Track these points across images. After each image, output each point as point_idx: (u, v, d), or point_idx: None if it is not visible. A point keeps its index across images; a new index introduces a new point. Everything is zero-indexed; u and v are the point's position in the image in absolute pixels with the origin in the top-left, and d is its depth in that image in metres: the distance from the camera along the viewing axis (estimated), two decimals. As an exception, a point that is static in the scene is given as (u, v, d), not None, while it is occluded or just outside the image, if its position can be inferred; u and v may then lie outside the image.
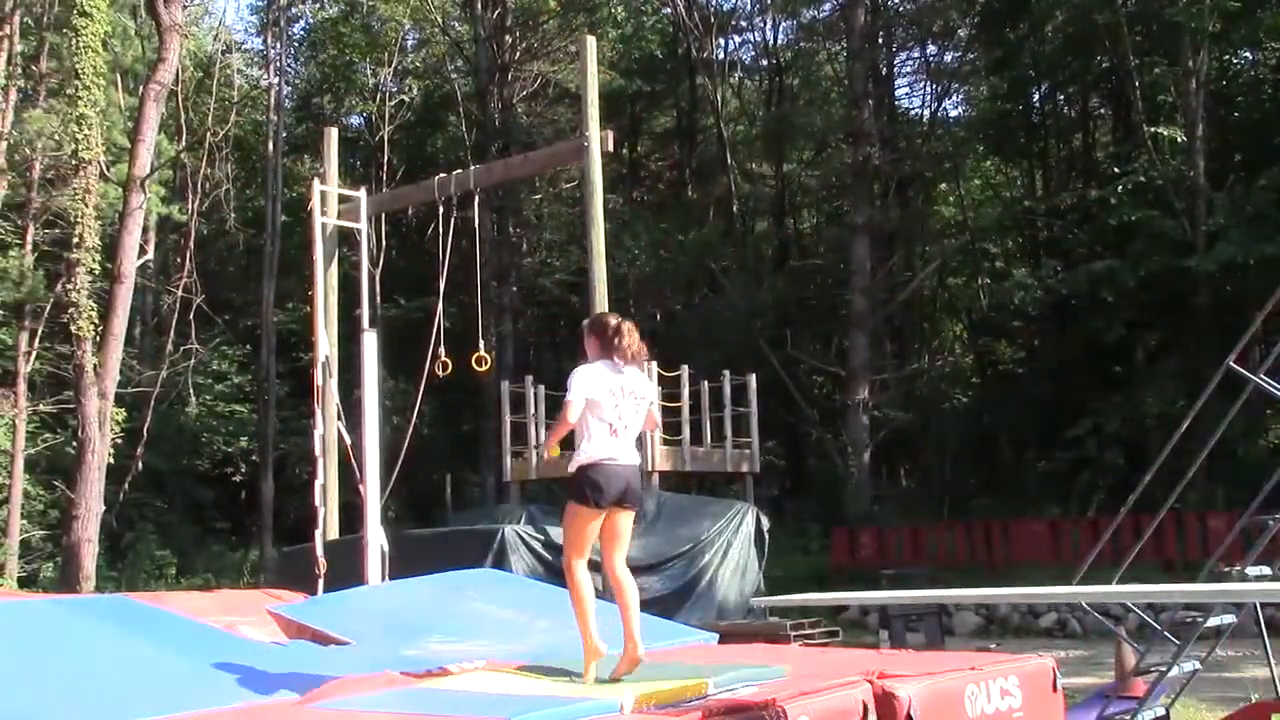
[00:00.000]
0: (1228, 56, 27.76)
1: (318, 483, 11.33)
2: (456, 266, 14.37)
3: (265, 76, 32.39)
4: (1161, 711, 7.18)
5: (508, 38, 30.71)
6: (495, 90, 30.35)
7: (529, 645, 6.03)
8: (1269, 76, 28.96)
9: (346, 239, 17.05)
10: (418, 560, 10.47)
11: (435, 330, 12.80)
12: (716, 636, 7.33)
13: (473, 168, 15.57)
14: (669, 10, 32.42)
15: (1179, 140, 23.68)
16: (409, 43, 33.21)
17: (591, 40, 14.28)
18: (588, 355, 5.46)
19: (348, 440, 11.24)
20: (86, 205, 17.78)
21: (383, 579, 10.17)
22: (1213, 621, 7.09)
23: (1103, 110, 31.65)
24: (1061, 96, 31.48)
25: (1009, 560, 21.04)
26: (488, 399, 26.15)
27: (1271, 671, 7.17)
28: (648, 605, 13.53)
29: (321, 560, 10.64)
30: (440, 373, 12.88)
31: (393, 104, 30.90)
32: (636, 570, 15.87)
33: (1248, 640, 11.26)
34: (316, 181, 13.30)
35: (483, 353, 13.30)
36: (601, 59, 21.95)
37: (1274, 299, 8.57)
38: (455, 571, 8.17)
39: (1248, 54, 28.73)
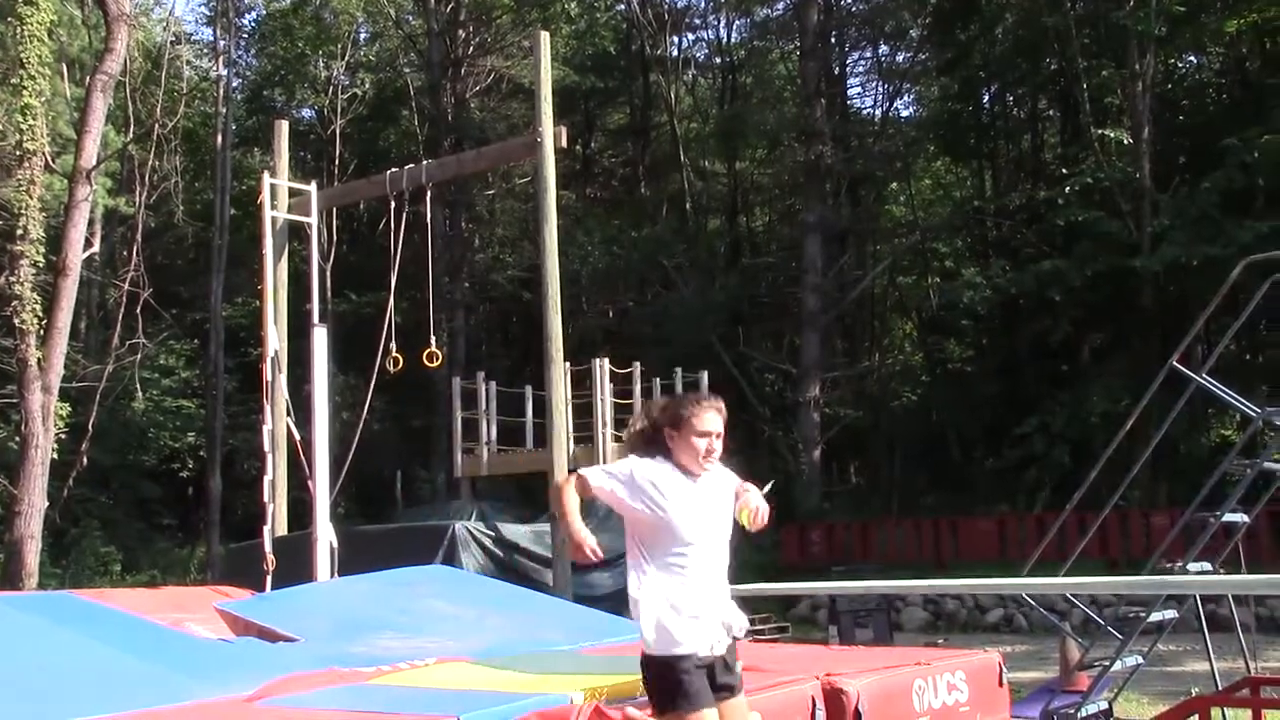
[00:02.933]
0: (1173, 60, 28.17)
1: (266, 478, 11.25)
2: (408, 261, 14.31)
3: (215, 68, 32.04)
4: (1105, 705, 7.28)
5: (461, 32, 30.58)
6: (448, 85, 30.22)
7: (479, 641, 6.01)
8: (1213, 80, 29.44)
9: (297, 233, 16.92)
10: (367, 557, 10.43)
11: (386, 326, 12.74)
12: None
13: (425, 163, 15.49)
14: (623, 7, 32.43)
15: (1125, 142, 24.00)
16: (361, 36, 32.99)
17: (545, 36, 14.25)
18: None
19: (297, 436, 11.17)
20: (31, 197, 17.50)
21: (332, 575, 10.12)
22: (1155, 617, 7.21)
23: (1051, 112, 32.02)
24: (1011, 98, 31.81)
25: (957, 556, 21.27)
26: (439, 395, 26.04)
27: (1211, 665, 7.30)
28: (599, 602, 13.54)
29: (270, 557, 10.57)
30: (391, 368, 12.82)
31: (344, 97, 30.66)
32: (588, 566, 15.94)
33: (1189, 635, 11.47)
34: (267, 175, 13.20)
35: (434, 348, 13.25)
36: (555, 55, 21.95)
37: (1216, 299, 8.73)
38: (405, 568, 8.13)
39: (1192, 58, 29.21)
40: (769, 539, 24.75)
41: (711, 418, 4.05)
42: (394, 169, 14.85)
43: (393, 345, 12.58)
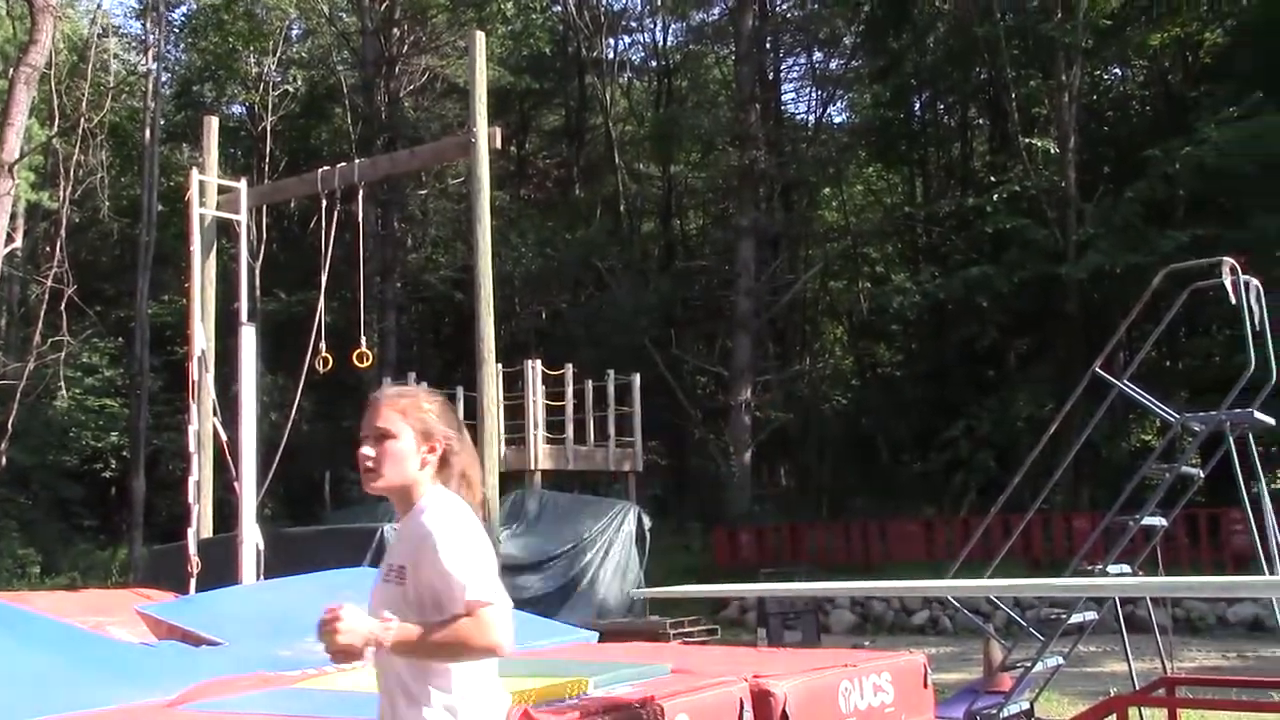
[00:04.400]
0: (1099, 72, 28.74)
1: (191, 479, 11.09)
2: (339, 261, 14.18)
3: (144, 62, 31.49)
4: (1026, 705, 7.40)
5: (395, 30, 30.36)
6: (382, 83, 29.99)
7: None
8: (1136, 92, 30.07)
9: (225, 230, 16.67)
10: (294, 559, 10.31)
11: (316, 325, 12.60)
12: (597, 635, 7.34)
13: (357, 161, 15.36)
14: (559, 8, 32.39)
15: (1052, 152, 24.41)
16: (294, 32, 32.61)
17: (480, 36, 14.19)
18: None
19: (223, 436, 11.03)
20: (-50, 190, 17.11)
21: (257, 578, 10.00)
22: (1076, 618, 7.34)
23: (980, 120, 32.49)
24: (941, 106, 32.26)
25: (885, 559, 21.49)
26: (369, 395, 25.80)
27: (1129, 666, 7.45)
28: (528, 604, 13.49)
29: (194, 559, 10.42)
30: (321, 368, 12.68)
31: (276, 94, 30.29)
32: (518, 569, 15.92)
33: (1108, 636, 11.69)
34: (195, 171, 13.01)
35: (365, 349, 13.13)
36: (490, 55, 21.87)
37: (1137, 307, 8.91)
38: (332, 570, 8.06)
39: (1117, 70, 29.81)
40: (699, 541, 24.88)
41: (367, 417, 3.06)
42: (326, 167, 14.70)
43: (323, 345, 12.45)
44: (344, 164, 14.75)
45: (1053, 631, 7.12)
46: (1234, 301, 6.79)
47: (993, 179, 25.56)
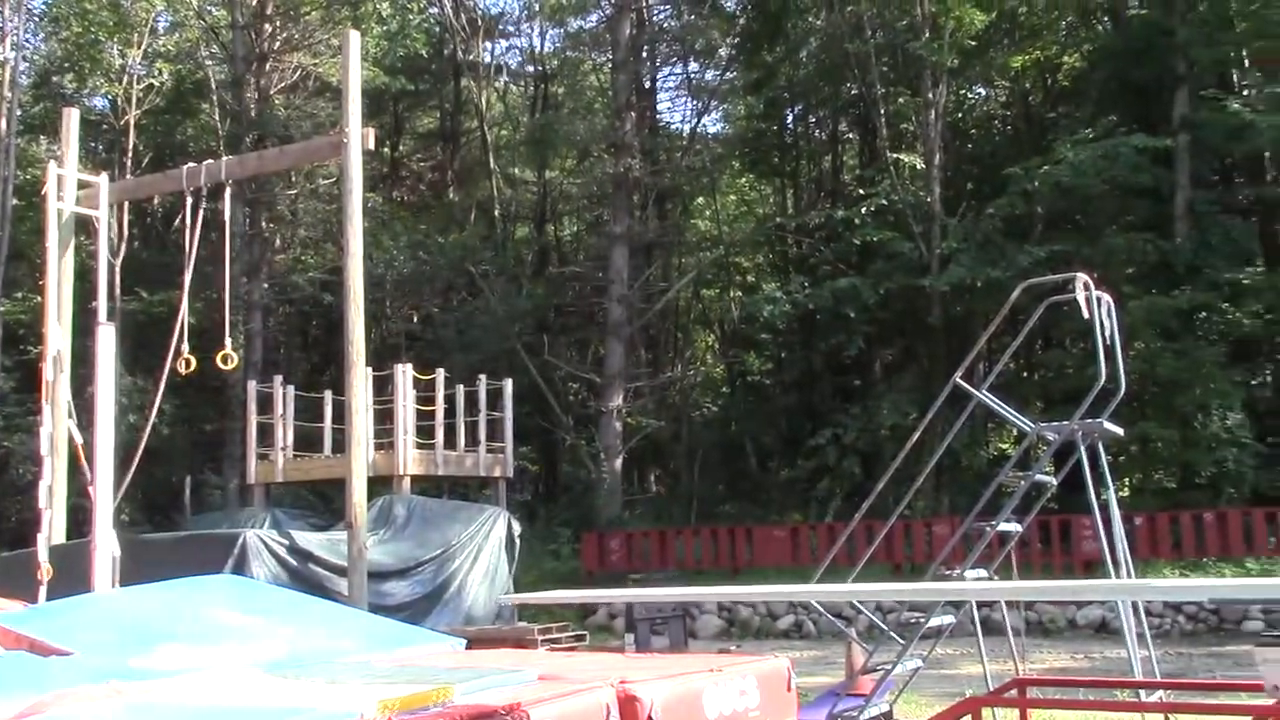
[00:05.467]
0: (964, 92, 29.62)
1: (43, 484, 10.71)
2: (204, 260, 13.85)
3: (1, 50, 30.27)
4: (886, 707, 7.56)
5: (267, 26, 29.71)
6: (252, 80, 29.31)
7: (269, 652, 5.85)
8: (999, 112, 31.05)
9: (85, 227, 16.14)
10: (152, 566, 10.01)
11: (179, 326, 12.28)
12: (464, 641, 7.29)
13: (225, 158, 15.01)
14: (436, 10, 32.11)
15: (918, 167, 25.05)
16: (161, 24, 31.67)
17: (355, 35, 14.02)
18: None
19: (79, 439, 10.67)
20: None
21: (113, 586, 9.69)
22: (934, 622, 7.53)
23: (851, 135, 33.19)
24: (813, 119, 32.86)
25: (752, 564, 21.77)
26: (233, 398, 25.24)
27: (984, 667, 7.67)
28: (395, 611, 13.34)
29: (45, 566, 10.05)
30: (183, 370, 12.36)
31: (141, 87, 29.39)
32: (384, 575, 15.70)
33: (965, 639, 12.01)
34: (53, 165, 12.58)
35: (229, 350, 12.84)
36: (365, 55, 21.56)
37: (996, 320, 9.21)
38: (191, 577, 7.85)
39: (981, 90, 30.75)
40: (569, 547, 24.88)
41: None
42: (192, 164, 14.35)
43: (185, 346, 12.13)
44: (211, 161, 14.41)
45: (912, 635, 7.29)
46: (1086, 316, 7.04)
47: (861, 192, 26.11)
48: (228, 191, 14.01)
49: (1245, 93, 22.89)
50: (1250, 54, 25.22)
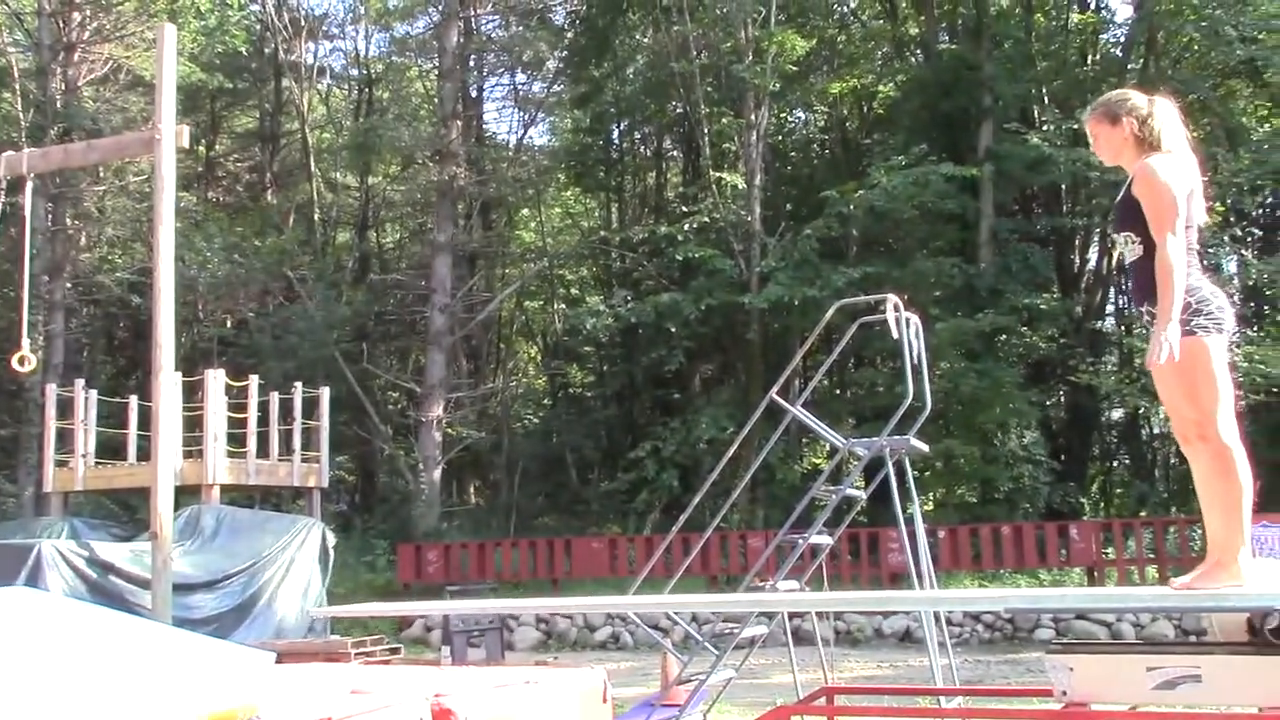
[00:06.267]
0: (785, 115, 30.41)
1: None
2: (1, 258, 13.15)
3: None
4: (699, 718, 7.69)
5: (76, 15, 28.42)
6: (59, 70, 27.97)
7: (61, 671, 5.60)
8: (817, 136, 31.99)
9: None
10: (-64, 578, 9.48)
11: (-29, 325, 11.65)
12: (274, 655, 7.11)
13: (27, 151, 14.31)
14: (257, 8, 31.27)
15: (740, 187, 25.56)
16: (-44, 6, 29.98)
17: (171, 29, 13.55)
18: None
19: None
20: None
21: (-108, 599, 9.11)
22: (748, 632, 7.69)
23: (675, 152, 33.69)
24: (639, 136, 33.25)
25: (571, 575, 21.81)
26: (30, 402, 24.03)
27: (794, 676, 7.88)
28: (200, 625, 12.91)
29: None
30: (-25, 372, 11.73)
31: (-67, 72, 27.76)
32: (192, 588, 15.20)
33: (778, 649, 12.31)
34: None
35: (26, 352, 12.22)
36: (181, 49, 20.88)
37: (811, 338, 9.48)
38: (-18, 590, 7.44)
39: (801, 114, 31.63)
40: (385, 558, 24.48)
41: None
42: (-11, 155, 13.62)
43: (-22, 347, 11.52)
44: (11, 153, 13.72)
45: (726, 645, 7.44)
46: (896, 336, 7.32)
47: (684, 209, 26.50)
48: (29, 185, 13.36)
49: (1045, 128, 24.12)
50: (1049, 92, 26.66)
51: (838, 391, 28.55)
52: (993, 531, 20.66)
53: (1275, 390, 21.63)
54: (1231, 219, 23.52)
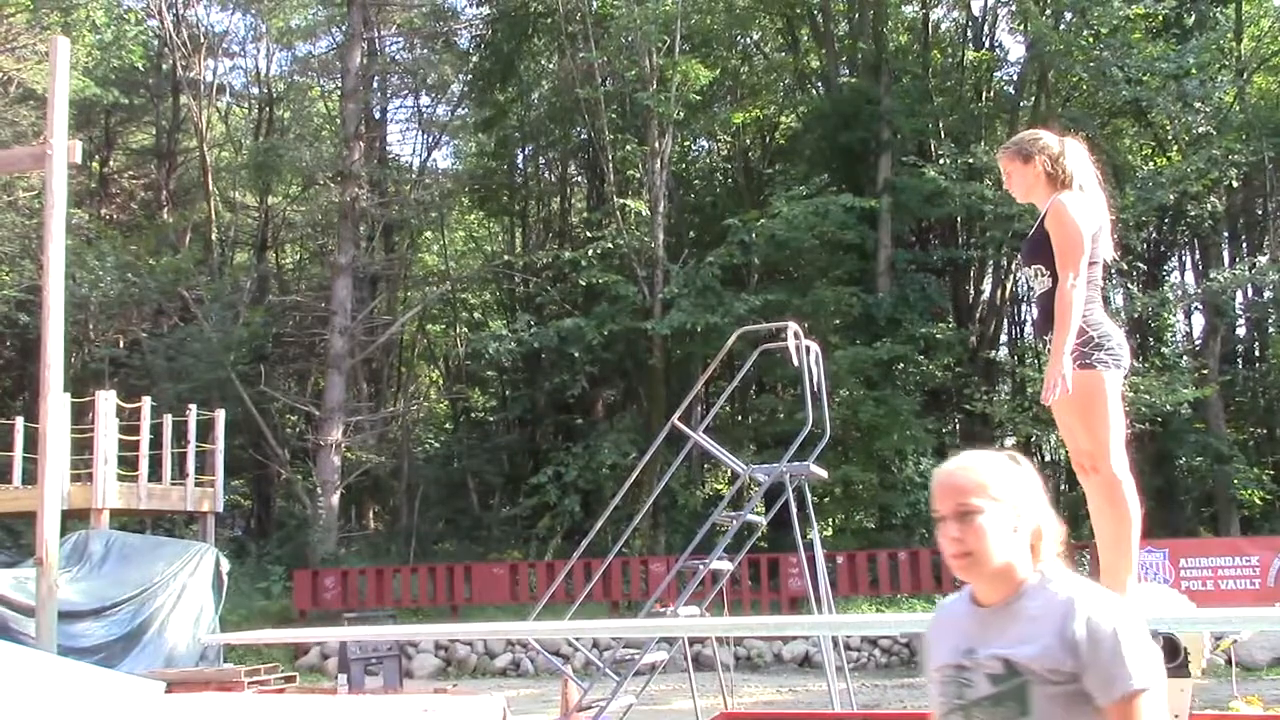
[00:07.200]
0: (688, 143, 30.71)
1: None
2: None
3: None
4: (599, 743, 7.68)
5: (-37, 25, 27.67)
6: (-57, 80, 27.20)
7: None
8: (721, 165, 32.37)
9: None
10: None
11: None
12: (164, 685, 6.97)
13: (-91, 163, 13.89)
14: (155, 23, 30.70)
15: (644, 213, 25.72)
16: None
17: (65, 42, 13.25)
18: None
19: None
20: None
21: None
22: (648, 658, 7.73)
23: (580, 178, 33.79)
24: (543, 161, 33.30)
25: (471, 602, 21.64)
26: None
27: (694, 702, 7.92)
28: (87, 653, 12.57)
29: None
30: None
31: None
32: (77, 616, 14.78)
33: (678, 675, 12.34)
34: None
35: (-93, 372, 11.83)
36: (75, 63, 20.41)
37: (713, 365, 9.58)
38: None
39: (704, 143, 31.98)
40: (281, 585, 24.05)
41: None
42: None
43: None
44: (-107, 165, 13.30)
45: (627, 671, 7.46)
46: (796, 364, 7.44)
47: (588, 235, 26.58)
48: (-88, 199, 12.96)
49: (941, 161, 24.73)
50: (946, 126, 27.32)
51: (739, 418, 28.80)
52: (890, 557, 20.96)
53: (1158, 420, 22.38)
54: (1117, 254, 24.26)
